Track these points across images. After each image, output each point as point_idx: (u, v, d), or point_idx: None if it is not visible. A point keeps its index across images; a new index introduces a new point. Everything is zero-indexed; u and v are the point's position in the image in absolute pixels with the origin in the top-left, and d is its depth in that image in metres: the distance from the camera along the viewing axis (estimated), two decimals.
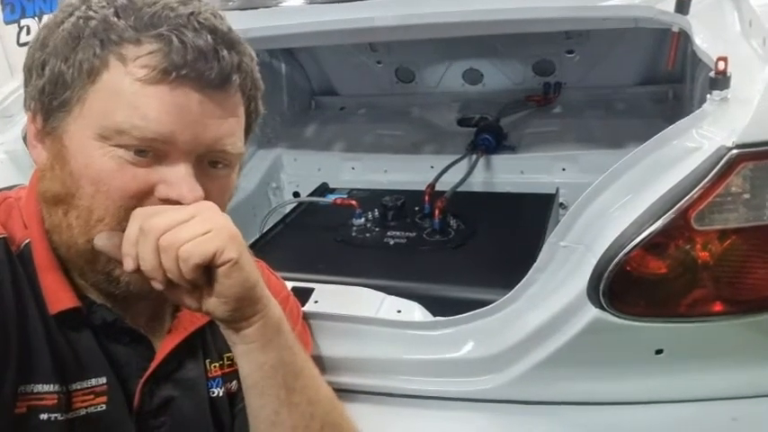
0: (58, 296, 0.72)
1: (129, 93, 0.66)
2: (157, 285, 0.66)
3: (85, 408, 0.72)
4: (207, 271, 0.66)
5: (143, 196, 0.68)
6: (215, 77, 0.68)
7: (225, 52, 0.68)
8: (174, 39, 0.66)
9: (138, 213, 0.66)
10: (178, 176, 0.68)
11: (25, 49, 0.75)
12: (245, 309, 0.69)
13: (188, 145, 0.68)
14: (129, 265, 0.66)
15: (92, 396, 0.73)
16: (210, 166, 0.72)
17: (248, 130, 0.79)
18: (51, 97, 0.69)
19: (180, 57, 0.65)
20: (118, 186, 0.67)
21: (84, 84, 0.67)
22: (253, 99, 0.77)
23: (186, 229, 0.65)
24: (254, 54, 0.75)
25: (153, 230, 0.64)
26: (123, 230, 0.67)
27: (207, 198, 0.71)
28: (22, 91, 0.77)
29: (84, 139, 0.67)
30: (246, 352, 0.72)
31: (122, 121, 0.66)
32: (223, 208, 0.74)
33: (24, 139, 0.76)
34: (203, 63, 0.66)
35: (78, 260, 0.72)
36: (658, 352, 0.91)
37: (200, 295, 0.68)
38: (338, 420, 0.80)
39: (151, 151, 0.67)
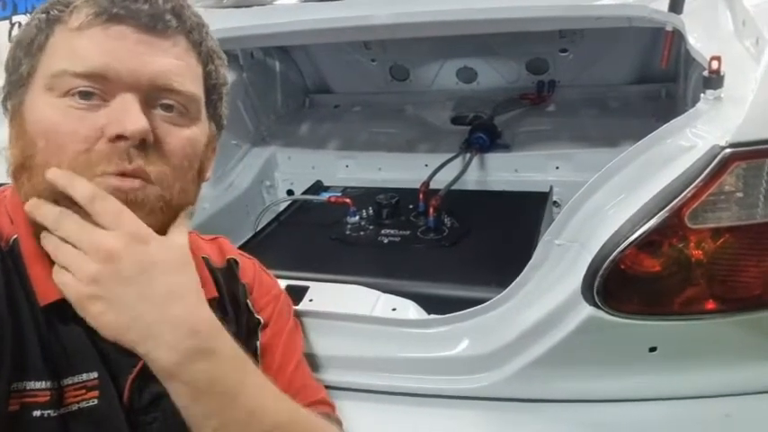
0: (48, 287, 0.71)
1: (67, 42, 0.70)
2: None
3: (78, 403, 0.72)
4: None
5: (92, 141, 0.68)
6: (146, 16, 0.70)
7: None
8: None
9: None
10: (121, 109, 0.69)
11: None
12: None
13: (127, 78, 0.69)
14: None
15: (83, 391, 0.72)
16: (164, 110, 0.72)
17: (212, 91, 0.80)
18: (13, 81, 0.73)
19: (108, 1, 0.70)
20: (66, 132, 0.68)
21: (35, 55, 0.72)
22: (210, 60, 0.78)
23: (68, 258, 0.66)
24: (202, 18, 0.78)
25: (53, 232, 0.67)
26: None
27: (162, 149, 0.71)
28: None
29: (35, 98, 0.70)
30: None
31: (61, 65, 0.69)
32: (182, 171, 0.74)
33: None
34: (133, 3, 0.70)
35: None
36: (652, 350, 0.91)
37: None
38: None
39: (96, 92, 0.69)
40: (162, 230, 0.73)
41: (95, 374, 0.73)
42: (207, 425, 0.70)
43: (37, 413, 0.69)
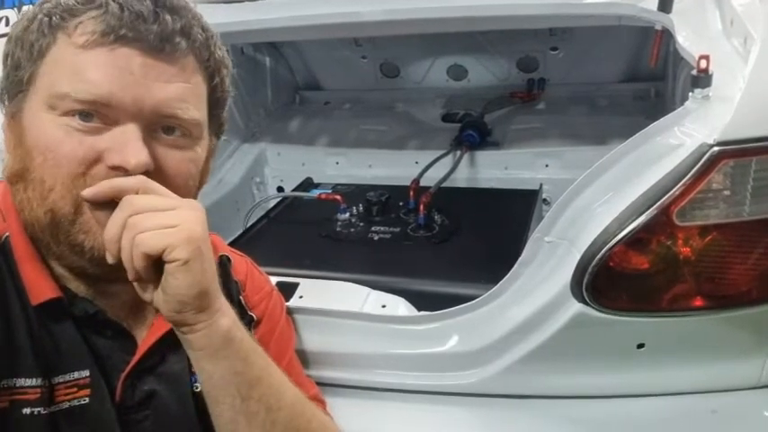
0: (40, 287, 0.72)
1: (71, 60, 0.68)
2: (109, 258, 0.66)
3: (69, 401, 0.72)
4: (160, 265, 0.66)
5: (91, 163, 0.68)
6: (154, 39, 0.68)
7: (167, 16, 0.69)
8: (113, 3, 0.67)
9: (133, 196, 0.67)
10: (122, 140, 0.68)
11: (4, 40, 0.76)
12: (187, 314, 0.68)
13: (131, 107, 0.68)
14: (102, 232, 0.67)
15: (75, 389, 0.72)
16: (166, 133, 0.72)
17: (216, 105, 0.79)
18: (12, 82, 0.71)
19: (117, 19, 0.67)
20: (64, 153, 0.67)
21: (36, 61, 0.70)
22: (216, 72, 0.77)
23: (155, 217, 0.65)
24: (210, 27, 0.76)
25: (130, 207, 0.65)
26: (73, 198, 0.68)
27: (164, 173, 0.71)
28: None
29: (36, 113, 0.69)
30: (196, 359, 0.72)
31: (64, 87, 0.67)
32: (186, 190, 0.74)
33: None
34: (142, 24, 0.68)
35: (45, 236, 0.71)
36: (640, 346, 0.92)
37: (150, 286, 0.68)
38: (304, 426, 0.79)
39: (97, 116, 0.68)
40: None
41: (87, 373, 0.73)
42: (254, 393, 0.73)
43: (26, 411, 0.69)
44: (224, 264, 0.93)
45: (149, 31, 0.68)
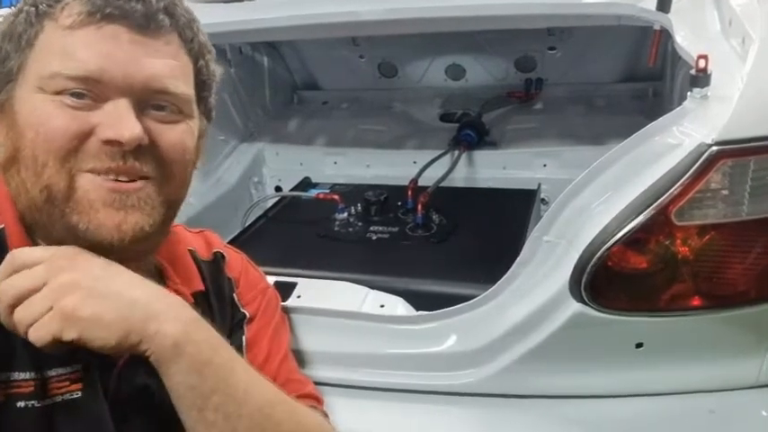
0: None
1: (59, 42, 0.69)
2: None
3: (61, 395, 0.72)
4: None
5: (83, 137, 0.69)
6: (140, 16, 0.70)
7: None
8: None
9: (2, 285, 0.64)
10: (115, 114, 0.68)
11: None
12: (125, 349, 0.67)
13: (122, 82, 0.69)
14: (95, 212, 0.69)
15: (67, 383, 0.72)
16: (156, 110, 0.72)
17: (203, 88, 0.80)
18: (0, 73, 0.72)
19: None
20: (57, 126, 0.68)
21: (24, 50, 0.71)
22: (200, 56, 0.78)
23: (30, 306, 0.63)
24: (192, 11, 0.77)
25: (4, 300, 0.63)
26: (67, 173, 0.68)
27: (158, 146, 0.71)
28: None
29: (28, 96, 0.70)
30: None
31: (55, 66, 0.68)
32: (182, 164, 0.75)
33: None
34: (126, 3, 0.69)
35: (42, 217, 0.71)
36: (638, 346, 0.92)
37: None
38: (271, 429, 0.76)
39: (89, 94, 0.69)
40: (163, 225, 0.74)
41: (79, 367, 0.73)
42: (210, 403, 0.70)
43: (21, 404, 0.69)
44: (217, 260, 0.93)
45: (134, 9, 0.69)
